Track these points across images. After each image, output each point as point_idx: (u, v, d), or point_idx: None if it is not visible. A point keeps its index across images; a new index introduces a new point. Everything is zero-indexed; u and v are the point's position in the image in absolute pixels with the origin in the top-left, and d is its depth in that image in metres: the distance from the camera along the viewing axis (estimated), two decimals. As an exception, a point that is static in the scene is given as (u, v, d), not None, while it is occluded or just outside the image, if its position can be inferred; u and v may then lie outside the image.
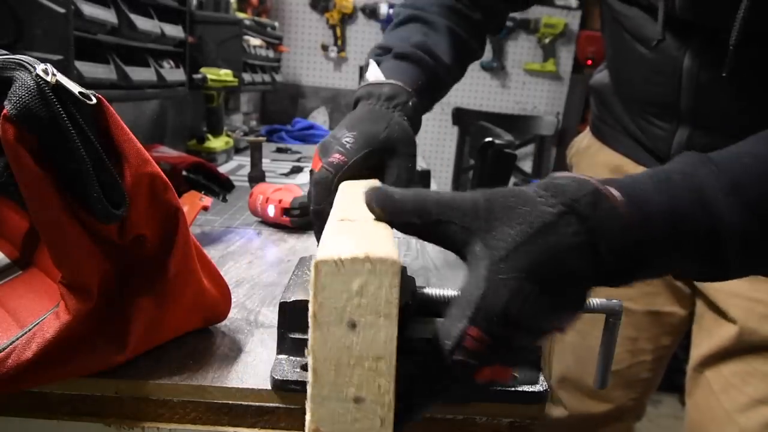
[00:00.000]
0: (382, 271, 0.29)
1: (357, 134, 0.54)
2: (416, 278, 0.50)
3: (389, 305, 0.29)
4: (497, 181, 1.25)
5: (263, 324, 0.54)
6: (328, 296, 0.29)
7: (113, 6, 0.92)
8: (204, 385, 0.43)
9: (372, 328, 0.30)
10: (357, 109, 0.61)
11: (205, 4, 1.67)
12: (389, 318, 0.29)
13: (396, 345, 0.30)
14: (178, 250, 0.44)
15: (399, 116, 0.58)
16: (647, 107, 0.77)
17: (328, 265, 0.29)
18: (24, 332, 0.40)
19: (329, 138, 0.56)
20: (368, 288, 0.29)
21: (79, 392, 0.43)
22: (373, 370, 0.30)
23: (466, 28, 0.73)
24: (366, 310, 0.29)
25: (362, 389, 0.30)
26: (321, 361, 0.30)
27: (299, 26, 2.89)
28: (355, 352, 0.30)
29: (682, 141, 0.73)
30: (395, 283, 0.29)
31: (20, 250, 0.53)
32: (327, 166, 0.52)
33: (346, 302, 0.29)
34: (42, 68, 0.35)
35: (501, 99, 3.00)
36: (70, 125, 0.36)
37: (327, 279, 0.29)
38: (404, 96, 0.60)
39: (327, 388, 0.30)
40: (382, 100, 0.59)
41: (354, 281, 0.29)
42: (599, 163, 0.91)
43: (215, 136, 1.42)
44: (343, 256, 0.29)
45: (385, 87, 0.60)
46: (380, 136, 0.55)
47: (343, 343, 0.30)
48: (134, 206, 0.40)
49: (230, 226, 0.88)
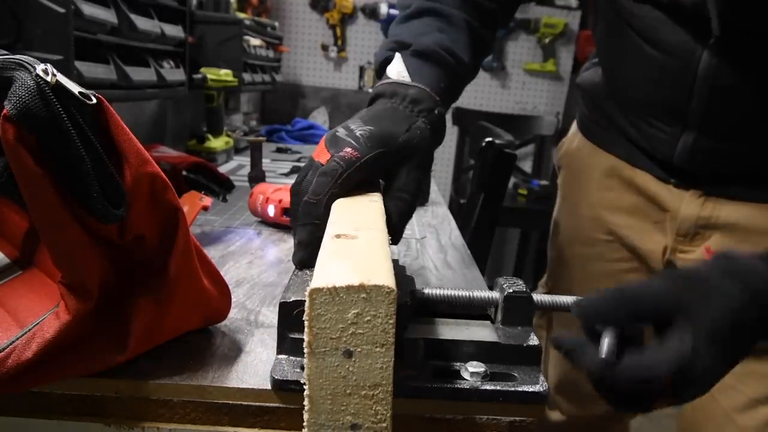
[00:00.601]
0: (378, 300, 0.28)
1: (374, 130, 0.49)
2: (416, 278, 0.50)
3: (385, 334, 0.29)
4: (497, 181, 1.25)
5: (263, 324, 0.54)
6: (323, 326, 0.28)
7: (113, 6, 0.92)
8: (204, 385, 0.43)
9: (368, 357, 0.29)
10: (377, 104, 0.56)
11: (205, 4, 1.67)
12: (386, 346, 0.29)
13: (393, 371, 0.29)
14: (178, 250, 0.44)
15: (423, 123, 0.53)
16: (647, 109, 0.75)
17: (322, 295, 0.28)
18: (24, 332, 0.40)
19: (341, 129, 0.51)
20: (364, 317, 0.28)
21: (79, 392, 0.43)
22: (370, 398, 0.29)
23: (481, 20, 0.68)
24: (362, 339, 0.29)
25: (359, 417, 0.30)
26: (317, 390, 0.29)
27: (299, 26, 2.89)
28: (351, 381, 0.29)
29: (688, 145, 0.71)
30: (391, 311, 0.28)
31: (20, 250, 0.53)
32: (338, 159, 0.47)
33: (341, 332, 0.28)
34: (42, 68, 0.35)
35: (501, 99, 3.00)
36: (70, 125, 0.35)
37: (322, 308, 0.28)
38: (430, 102, 0.55)
39: (323, 416, 0.30)
40: (407, 102, 0.55)
41: (349, 310, 0.28)
42: (592, 166, 0.89)
43: (215, 136, 1.42)
44: (338, 284, 0.28)
45: (411, 89, 0.56)
46: (399, 138, 0.50)
47: (339, 372, 0.29)
48: (134, 206, 0.40)
49: (230, 226, 0.88)
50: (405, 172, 0.50)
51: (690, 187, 0.76)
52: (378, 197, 0.47)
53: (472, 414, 0.42)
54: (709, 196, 0.74)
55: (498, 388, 0.41)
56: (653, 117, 0.74)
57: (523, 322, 0.45)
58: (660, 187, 0.79)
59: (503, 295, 0.45)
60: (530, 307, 0.46)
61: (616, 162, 0.84)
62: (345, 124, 0.52)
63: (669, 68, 0.68)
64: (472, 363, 0.42)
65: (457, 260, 0.80)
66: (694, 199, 0.75)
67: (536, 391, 0.42)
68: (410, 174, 0.50)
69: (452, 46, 0.62)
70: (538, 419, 0.43)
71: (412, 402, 0.41)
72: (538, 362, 0.44)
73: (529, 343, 0.44)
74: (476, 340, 0.44)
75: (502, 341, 0.44)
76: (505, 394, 0.41)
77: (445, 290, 0.47)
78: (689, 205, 0.76)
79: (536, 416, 0.43)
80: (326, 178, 0.46)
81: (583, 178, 0.92)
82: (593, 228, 0.89)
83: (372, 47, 2.89)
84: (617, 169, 0.84)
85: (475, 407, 0.42)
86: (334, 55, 2.88)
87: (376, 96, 0.57)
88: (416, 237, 0.90)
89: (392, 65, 0.59)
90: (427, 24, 0.65)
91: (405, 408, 0.42)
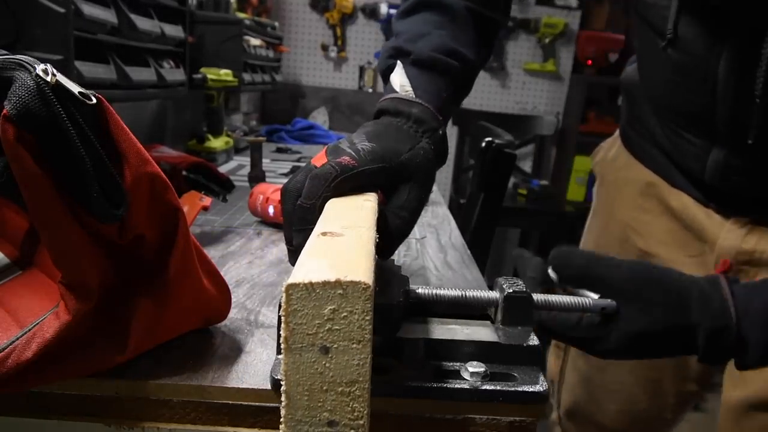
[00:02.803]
0: (355, 297, 0.28)
1: (376, 146, 0.49)
2: (416, 278, 0.50)
3: (362, 331, 0.28)
4: (497, 181, 1.25)
5: (263, 324, 0.54)
6: (299, 321, 0.28)
7: (113, 6, 0.92)
8: (204, 385, 0.43)
9: (345, 354, 0.29)
10: (382, 120, 0.55)
11: (205, 4, 1.67)
12: (363, 343, 0.29)
13: (370, 367, 0.29)
14: (178, 250, 0.44)
15: (426, 143, 0.52)
16: (676, 117, 0.66)
17: (298, 290, 0.28)
18: (24, 332, 0.40)
19: (345, 141, 0.50)
20: (341, 313, 0.28)
21: (79, 392, 0.43)
22: (347, 395, 0.29)
23: (485, 1, 0.64)
24: (338, 335, 0.28)
25: (336, 413, 0.30)
26: (294, 386, 0.29)
27: (299, 26, 2.89)
28: (328, 377, 0.29)
29: (719, 161, 0.61)
30: (368, 308, 0.28)
31: (20, 250, 0.53)
32: (333, 164, 0.46)
33: (318, 328, 0.28)
34: (42, 68, 0.35)
35: (501, 99, 3.00)
36: (70, 125, 0.35)
37: (298, 304, 0.28)
38: (434, 122, 0.54)
39: (300, 412, 0.30)
40: (411, 122, 0.54)
41: (326, 306, 0.28)
42: (628, 181, 0.79)
43: (215, 136, 1.42)
44: (314, 280, 0.28)
45: (415, 108, 0.54)
46: (401, 157, 0.49)
47: (316, 368, 0.29)
48: (134, 206, 0.40)
49: (230, 226, 0.88)
50: (406, 191, 0.49)
51: (732, 214, 0.65)
52: (373, 197, 0.47)
53: (472, 414, 0.42)
54: (756, 225, 0.63)
55: (498, 388, 0.41)
56: (681, 126, 0.65)
57: (523, 322, 0.45)
58: (699, 210, 0.69)
59: (503, 295, 0.45)
60: (530, 307, 0.46)
61: (654, 179, 0.74)
62: (349, 137, 0.51)
63: (686, 68, 0.60)
64: (472, 363, 0.42)
65: (457, 260, 0.80)
66: (735, 229, 0.65)
67: (536, 391, 0.42)
68: (411, 193, 0.49)
69: (454, 44, 0.60)
70: (539, 418, 0.43)
71: (412, 402, 0.41)
72: (538, 362, 0.44)
73: (529, 343, 0.44)
74: (476, 340, 0.44)
75: (502, 341, 0.44)
76: (505, 394, 0.41)
77: (439, 290, 0.47)
78: (729, 234, 0.65)
79: (536, 416, 0.43)
80: (319, 181, 0.45)
81: (616, 193, 0.83)
82: (621, 252, 0.78)
83: (372, 47, 2.89)
84: (654, 188, 0.74)
85: (475, 407, 0.42)
86: (334, 55, 2.88)
87: (381, 112, 0.56)
88: (416, 237, 0.90)
89: (395, 75, 0.58)
90: (426, 21, 0.62)
91: (405, 408, 0.42)
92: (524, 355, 0.44)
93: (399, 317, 0.43)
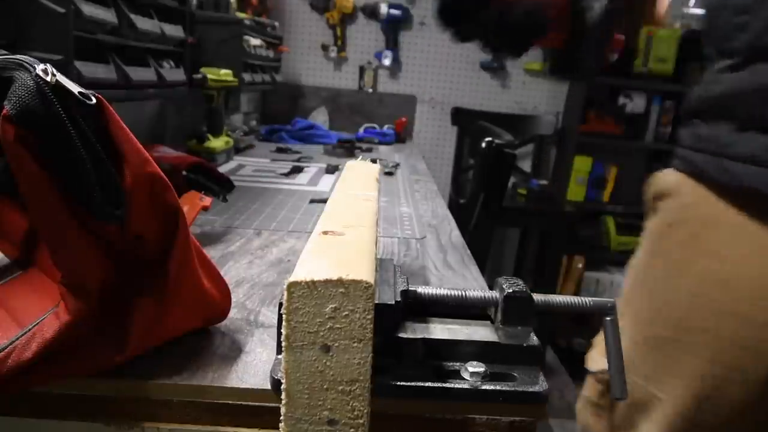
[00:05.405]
0: (357, 295, 0.28)
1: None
2: (416, 278, 0.50)
3: (363, 330, 0.29)
4: (497, 181, 1.25)
5: (263, 324, 0.54)
6: (301, 320, 0.28)
7: (113, 6, 0.92)
8: (204, 385, 0.43)
9: (346, 353, 0.29)
10: None
11: (205, 4, 1.67)
12: (364, 342, 0.29)
13: (371, 366, 0.29)
14: (178, 251, 0.44)
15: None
16: None
17: (300, 288, 0.28)
18: (24, 332, 0.40)
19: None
20: (342, 311, 0.28)
21: (79, 392, 0.43)
22: (347, 394, 0.29)
23: None
24: (340, 334, 0.29)
25: (336, 412, 0.30)
26: (294, 384, 0.29)
27: (299, 26, 2.88)
28: (328, 376, 0.29)
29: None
30: (369, 307, 0.28)
31: (20, 250, 0.53)
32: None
33: (319, 326, 0.28)
34: (42, 68, 0.35)
35: (501, 99, 3.00)
36: (70, 125, 0.35)
37: (300, 302, 0.28)
38: None
39: (300, 411, 0.30)
40: None
41: (327, 305, 0.28)
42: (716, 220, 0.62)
43: (215, 136, 1.42)
44: (316, 278, 0.28)
45: None
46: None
47: (317, 367, 0.29)
48: (134, 206, 0.40)
49: (230, 226, 0.88)
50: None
51: None
52: (374, 196, 0.47)
53: (472, 414, 0.42)
54: None
55: (498, 388, 0.41)
56: None
57: (523, 322, 0.45)
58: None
59: (503, 295, 0.45)
60: (530, 307, 0.46)
61: None
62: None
63: None
64: (471, 363, 0.42)
65: (457, 260, 0.80)
66: None
67: (536, 391, 0.41)
68: None
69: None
70: (539, 418, 0.43)
71: (412, 402, 0.41)
72: (538, 362, 0.44)
73: (529, 343, 0.44)
74: (476, 340, 0.44)
75: (502, 341, 0.44)
76: (505, 394, 0.41)
77: (439, 290, 0.47)
78: None
79: (536, 416, 0.43)
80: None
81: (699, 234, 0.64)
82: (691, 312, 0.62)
83: (372, 47, 2.89)
84: None
85: (475, 407, 0.42)
86: (334, 55, 2.88)
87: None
88: (416, 237, 0.90)
89: None
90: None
91: (405, 408, 0.42)
92: (524, 355, 0.44)
93: (399, 317, 0.43)
